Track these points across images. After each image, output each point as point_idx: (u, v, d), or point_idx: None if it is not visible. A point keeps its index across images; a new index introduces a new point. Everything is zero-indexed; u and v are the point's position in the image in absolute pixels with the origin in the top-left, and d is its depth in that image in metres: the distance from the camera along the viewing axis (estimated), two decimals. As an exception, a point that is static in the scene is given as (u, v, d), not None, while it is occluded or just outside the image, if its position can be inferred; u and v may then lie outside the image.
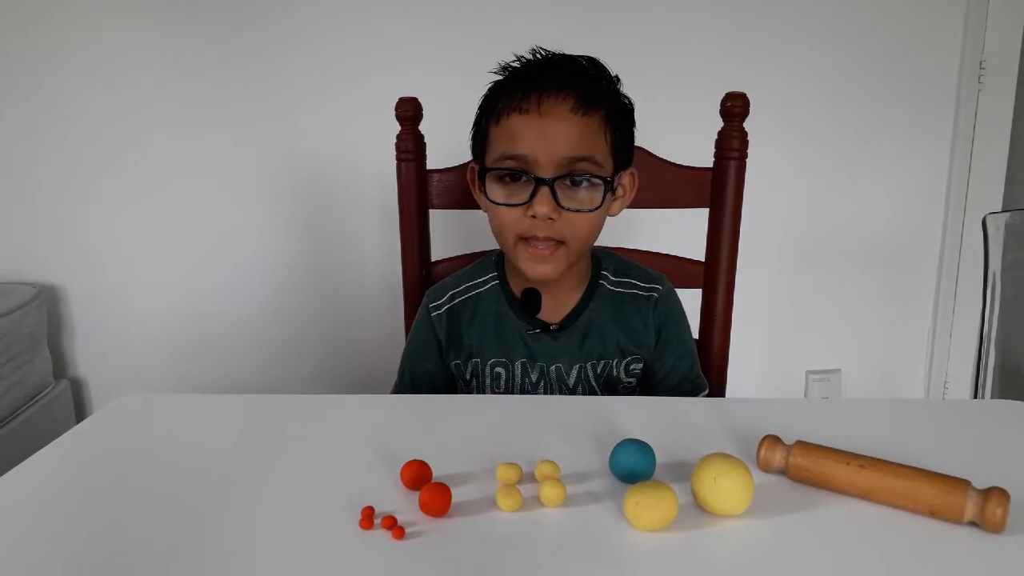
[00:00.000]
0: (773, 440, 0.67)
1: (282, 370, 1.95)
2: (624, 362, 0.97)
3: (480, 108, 0.92)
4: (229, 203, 1.87)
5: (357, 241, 1.87)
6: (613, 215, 0.94)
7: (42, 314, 1.83)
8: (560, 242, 0.88)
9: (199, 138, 1.83)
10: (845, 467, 0.62)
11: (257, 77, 1.78)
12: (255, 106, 1.80)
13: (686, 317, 1.02)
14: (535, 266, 0.89)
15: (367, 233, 1.86)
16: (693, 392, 0.99)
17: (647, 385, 1.00)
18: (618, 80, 0.92)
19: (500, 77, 0.91)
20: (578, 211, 0.87)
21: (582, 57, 0.90)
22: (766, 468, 0.66)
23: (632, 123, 0.94)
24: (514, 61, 0.90)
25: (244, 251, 1.90)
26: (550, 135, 0.84)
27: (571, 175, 0.86)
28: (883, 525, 0.59)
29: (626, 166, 0.93)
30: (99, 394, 1.99)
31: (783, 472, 0.66)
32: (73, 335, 1.96)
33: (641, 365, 0.98)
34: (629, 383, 0.98)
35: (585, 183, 0.87)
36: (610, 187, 0.88)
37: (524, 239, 0.88)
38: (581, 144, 0.86)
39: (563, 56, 0.90)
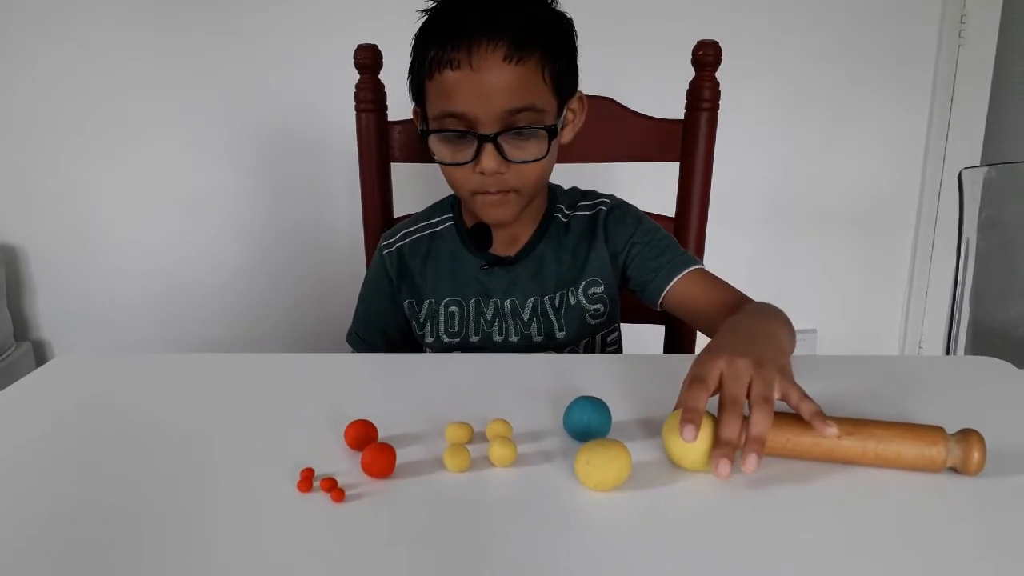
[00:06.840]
0: None
1: (252, 329, 1.92)
2: (581, 287, 0.94)
3: (413, 49, 0.85)
4: (195, 159, 1.82)
5: (325, 196, 1.83)
6: (565, 142, 0.90)
7: (0, 274, 1.77)
8: (512, 190, 0.86)
9: (163, 93, 1.77)
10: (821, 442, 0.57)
11: (221, 28, 1.72)
12: (220, 58, 1.74)
13: (646, 217, 0.97)
14: (491, 212, 0.88)
15: (335, 188, 1.82)
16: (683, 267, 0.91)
17: (649, 298, 0.93)
18: None
19: (428, 5, 0.84)
20: (525, 162, 0.83)
21: None
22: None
23: (573, 45, 0.87)
24: None
25: (211, 208, 1.85)
26: (485, 90, 0.79)
27: (514, 127, 0.81)
28: (859, 481, 0.57)
29: (572, 92, 0.88)
30: (63, 357, 1.95)
31: None
32: (35, 296, 1.91)
33: (602, 288, 0.94)
34: (596, 310, 0.95)
35: (529, 133, 0.82)
36: (555, 134, 0.84)
37: (477, 192, 0.86)
38: (520, 94, 0.80)
39: None
